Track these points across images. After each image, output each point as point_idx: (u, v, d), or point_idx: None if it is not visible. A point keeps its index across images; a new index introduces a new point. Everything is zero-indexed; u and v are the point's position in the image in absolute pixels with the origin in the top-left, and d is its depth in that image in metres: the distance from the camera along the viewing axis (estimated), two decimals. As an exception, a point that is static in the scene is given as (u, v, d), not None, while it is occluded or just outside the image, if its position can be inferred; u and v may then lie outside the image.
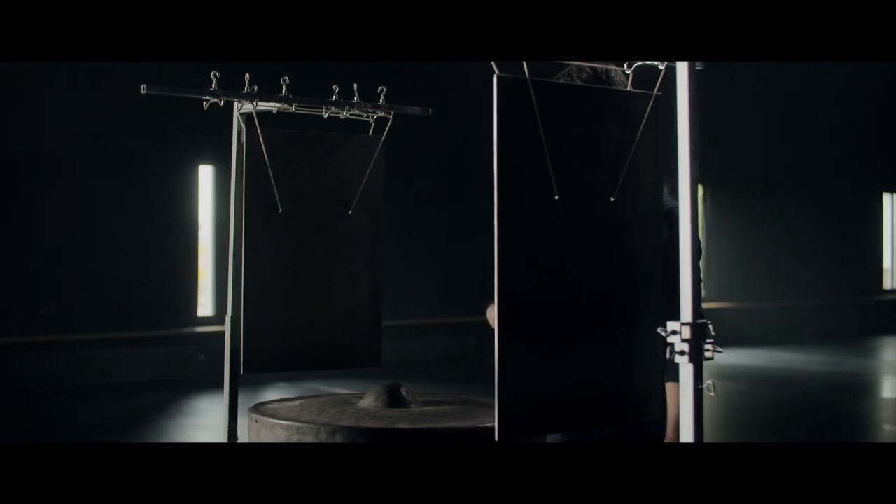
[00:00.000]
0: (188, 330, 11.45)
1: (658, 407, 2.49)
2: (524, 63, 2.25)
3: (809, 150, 16.59)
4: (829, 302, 16.50)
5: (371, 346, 3.30)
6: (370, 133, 3.35)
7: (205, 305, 11.80)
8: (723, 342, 2.35)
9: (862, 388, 12.01)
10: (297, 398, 2.93)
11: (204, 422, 9.58)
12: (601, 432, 2.77)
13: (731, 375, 11.82)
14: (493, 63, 2.26)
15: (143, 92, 3.01)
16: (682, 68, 2.20)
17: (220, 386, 11.24)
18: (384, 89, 3.34)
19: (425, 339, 12.25)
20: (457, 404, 2.82)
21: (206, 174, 11.73)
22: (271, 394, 10.84)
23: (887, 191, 18.71)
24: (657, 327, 2.48)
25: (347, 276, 3.30)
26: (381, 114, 3.33)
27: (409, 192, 12.33)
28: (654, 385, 2.47)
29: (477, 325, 13.52)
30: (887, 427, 9.95)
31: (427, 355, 12.00)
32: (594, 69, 3.03)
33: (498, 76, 2.21)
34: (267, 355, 3.21)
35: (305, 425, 2.51)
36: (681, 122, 2.20)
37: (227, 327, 3.36)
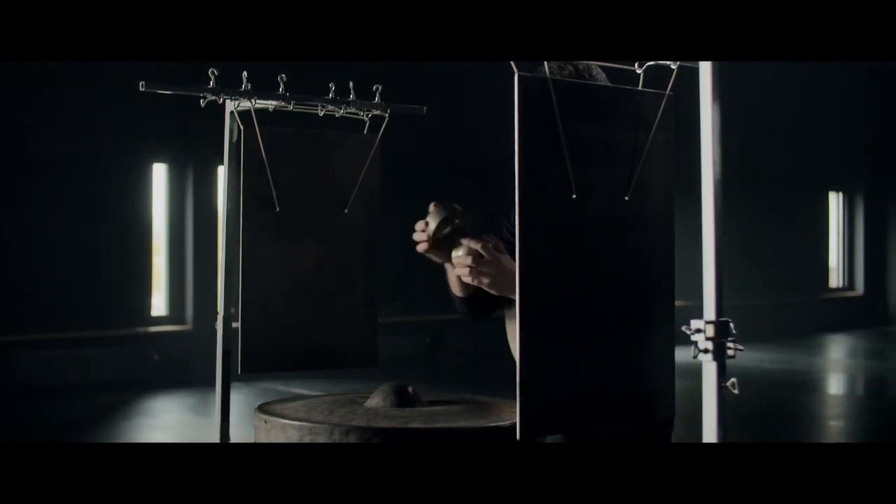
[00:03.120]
0: (142, 330, 11.35)
1: (671, 405, 2.50)
2: (545, 63, 2.25)
3: (756, 149, 16.75)
4: (777, 300, 16.68)
5: (368, 346, 3.29)
6: (365, 131, 3.34)
7: (158, 305, 11.69)
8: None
9: (812, 386, 12.17)
10: (301, 398, 2.91)
11: (160, 422, 9.50)
12: (608, 431, 2.77)
13: (686, 373, 11.91)
14: (512, 63, 2.26)
15: (141, 89, 2.97)
16: (705, 69, 2.20)
17: (175, 386, 11.14)
18: (379, 87, 3.33)
19: (379, 338, 12.22)
20: (464, 403, 2.82)
21: (159, 173, 11.62)
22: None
23: (833, 190, 18.94)
24: (669, 327, 2.50)
25: (344, 276, 3.29)
26: (377, 112, 3.32)
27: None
28: (666, 384, 2.48)
29: (431, 323, 13.56)
30: (833, 423, 10.09)
31: (382, 354, 11.98)
32: (576, 66, 3.02)
33: (519, 75, 2.21)
34: (264, 355, 3.19)
35: (318, 426, 2.49)
36: (703, 123, 2.21)
37: (219, 327, 3.33)
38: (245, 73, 3.13)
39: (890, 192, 19.08)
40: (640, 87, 2.45)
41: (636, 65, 2.49)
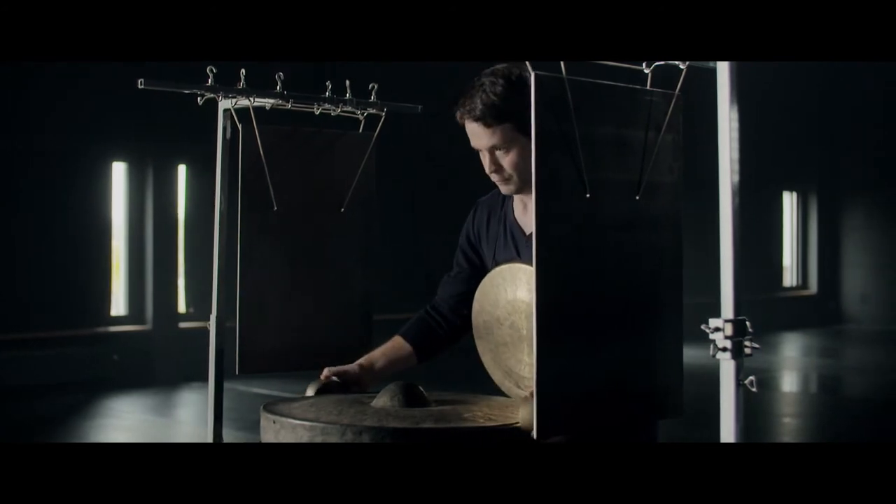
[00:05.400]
0: (101, 330, 11.24)
1: (680, 404, 2.51)
2: (561, 63, 2.25)
3: (712, 150, 16.82)
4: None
5: (363, 346, 3.28)
6: (360, 130, 3.33)
7: (118, 305, 11.59)
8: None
9: (767, 384, 12.27)
10: (304, 398, 2.89)
11: (123, 423, 9.42)
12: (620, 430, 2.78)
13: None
14: (528, 63, 2.26)
15: (140, 87, 2.94)
16: (722, 70, 2.22)
17: (136, 386, 10.99)
18: (375, 86, 3.32)
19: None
20: (471, 403, 2.81)
21: (118, 171, 11.52)
22: (188, 395, 10.70)
23: (787, 190, 19.11)
24: (678, 325, 2.52)
25: (340, 275, 3.28)
26: (373, 111, 3.31)
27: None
28: (675, 383, 2.50)
29: (394, 323, 13.52)
30: (787, 420, 10.20)
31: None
32: (508, 76, 2.92)
33: (536, 74, 2.21)
34: (262, 356, 3.17)
35: (330, 426, 2.47)
36: (721, 125, 2.22)
37: (212, 327, 3.31)
38: (243, 72, 3.11)
39: (843, 192, 19.29)
40: (648, 87, 2.47)
41: (644, 65, 2.50)
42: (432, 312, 3.24)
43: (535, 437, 2.20)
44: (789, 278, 19.25)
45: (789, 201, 19.23)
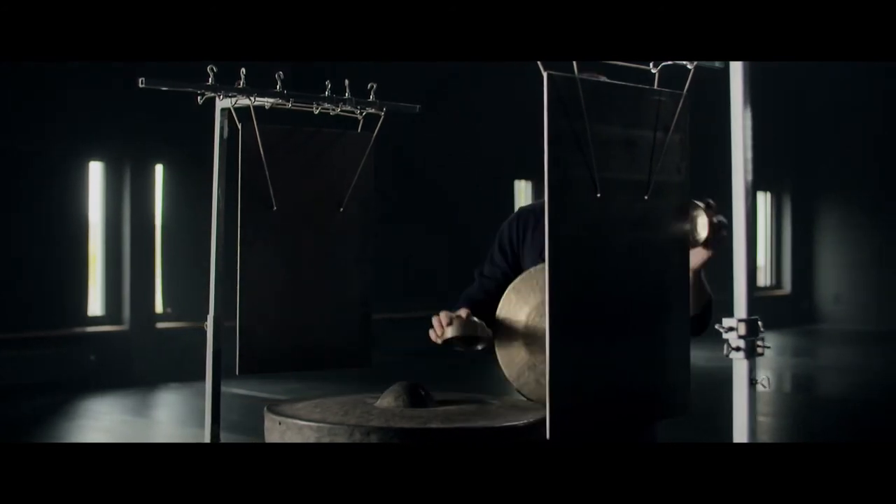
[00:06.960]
0: (78, 330, 11.17)
1: (687, 403, 2.52)
2: (574, 63, 2.25)
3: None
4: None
5: (362, 347, 3.27)
6: (359, 130, 3.32)
7: (95, 305, 11.52)
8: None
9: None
10: (307, 399, 2.88)
11: (101, 423, 9.37)
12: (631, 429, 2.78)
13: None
14: (539, 63, 2.26)
15: (141, 85, 2.92)
16: (735, 69, 2.21)
17: (113, 387, 10.91)
18: (374, 85, 3.31)
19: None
20: (476, 403, 2.81)
21: (96, 171, 11.44)
22: (166, 395, 10.65)
23: (760, 190, 19.19)
24: (685, 324, 2.52)
25: (338, 275, 3.26)
26: (372, 110, 3.30)
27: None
28: (682, 382, 2.50)
29: (381, 323, 13.45)
30: (762, 419, 10.25)
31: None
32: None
33: (549, 74, 2.20)
34: (262, 356, 3.15)
35: (337, 426, 2.46)
36: (735, 126, 2.22)
37: (209, 327, 3.29)
38: (243, 71, 3.09)
39: (817, 193, 19.39)
40: (656, 87, 2.47)
41: (651, 64, 2.50)
42: (481, 294, 3.21)
43: (547, 436, 2.20)
44: (763, 278, 19.33)
45: (763, 201, 19.32)
